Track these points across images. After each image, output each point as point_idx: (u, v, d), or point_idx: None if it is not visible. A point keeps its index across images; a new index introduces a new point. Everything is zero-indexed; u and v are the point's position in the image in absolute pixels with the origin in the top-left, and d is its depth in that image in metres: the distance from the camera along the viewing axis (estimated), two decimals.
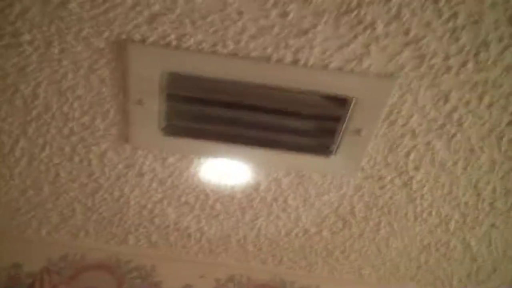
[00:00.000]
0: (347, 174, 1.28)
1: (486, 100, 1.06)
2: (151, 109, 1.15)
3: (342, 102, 1.11)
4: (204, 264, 1.63)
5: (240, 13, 0.95)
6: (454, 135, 1.15)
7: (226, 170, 1.31)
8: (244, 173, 1.32)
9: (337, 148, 1.20)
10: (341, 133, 1.17)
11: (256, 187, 1.35)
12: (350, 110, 1.11)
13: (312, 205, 1.40)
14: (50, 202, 1.46)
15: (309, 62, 1.03)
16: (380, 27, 0.95)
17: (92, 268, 1.60)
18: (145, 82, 1.09)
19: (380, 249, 1.54)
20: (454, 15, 0.90)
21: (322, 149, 1.22)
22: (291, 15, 0.95)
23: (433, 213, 1.38)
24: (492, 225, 1.41)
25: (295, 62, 1.04)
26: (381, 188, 1.32)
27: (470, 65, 1.00)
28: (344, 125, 1.14)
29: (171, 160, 1.29)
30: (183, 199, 1.41)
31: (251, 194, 1.38)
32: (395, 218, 1.42)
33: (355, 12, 0.92)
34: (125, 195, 1.42)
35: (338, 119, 1.15)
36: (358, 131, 1.15)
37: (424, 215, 1.39)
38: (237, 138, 1.21)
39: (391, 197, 1.35)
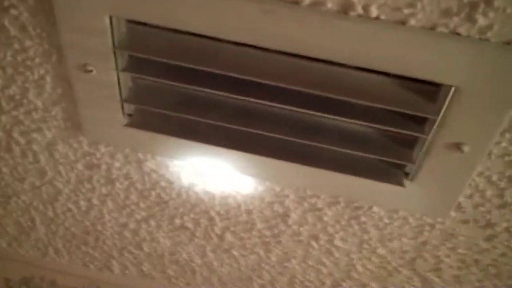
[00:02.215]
0: (432, 213, 0.81)
1: None
2: (106, 81, 0.73)
3: (430, 92, 0.65)
4: None
5: None
6: None
7: (238, 186, 0.88)
8: (264, 194, 0.88)
9: (418, 170, 0.74)
10: (425, 147, 0.70)
11: (284, 217, 0.91)
12: (444, 109, 0.64)
13: (372, 251, 0.94)
14: None
15: (371, 12, 0.58)
16: None
17: None
18: (88, 35, 0.68)
19: None
20: None
21: (393, 170, 0.76)
22: None
23: None
24: None
25: (345, 11, 0.58)
26: (489, 239, 0.84)
27: None
28: (431, 134, 0.68)
29: (151, 164, 0.88)
30: (177, 221, 1.00)
31: (277, 225, 0.94)
32: (506, 283, 0.94)
33: None
34: (95, 207, 1.02)
35: (422, 123, 0.69)
36: (457, 146, 0.68)
37: None
38: (250, 142, 0.77)
39: (504, 254, 0.87)
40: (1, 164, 0.97)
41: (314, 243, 0.96)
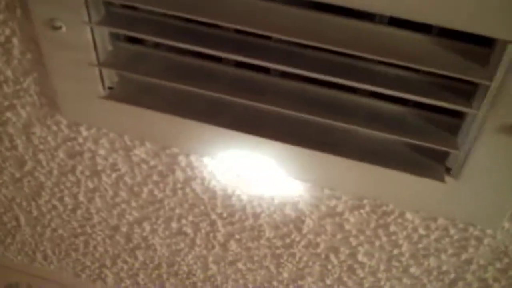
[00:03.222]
0: (479, 221, 0.65)
1: None
2: (78, 40, 0.61)
3: (480, 54, 0.50)
4: None
5: None
6: None
7: (242, 181, 0.74)
8: (273, 193, 0.74)
9: (463, 164, 0.58)
10: (473, 131, 0.55)
11: (297, 223, 0.77)
12: (498, 74, 0.49)
13: (404, 271, 0.78)
14: None
15: None
16: None
17: None
18: None
19: None
20: None
21: (431, 164, 0.61)
22: None
23: None
24: None
25: None
26: None
27: None
28: (481, 110, 0.53)
29: (140, 152, 0.75)
30: (174, 225, 0.86)
31: (289, 233, 0.79)
32: None
33: None
34: (82, 205, 0.89)
35: (469, 97, 0.53)
36: None
37: None
38: (257, 121, 0.64)
39: None
40: None
41: (333, 258, 0.81)
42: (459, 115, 0.57)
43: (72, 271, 1.09)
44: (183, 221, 0.84)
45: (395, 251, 0.75)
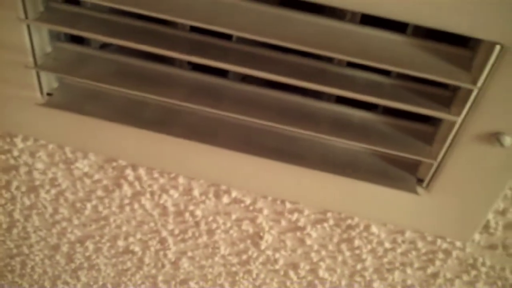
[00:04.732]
0: (451, 233, 0.61)
1: None
2: (12, 40, 0.53)
3: (462, 57, 0.46)
4: None
5: None
6: None
7: (196, 196, 0.67)
8: (230, 208, 0.68)
9: (436, 174, 0.54)
10: (449, 140, 0.51)
11: (255, 239, 0.71)
12: (484, 78, 0.45)
13: (368, 285, 0.74)
14: None
15: None
16: None
17: None
18: None
19: None
20: None
21: (401, 174, 0.57)
22: None
23: None
24: None
25: None
26: None
27: None
28: (460, 118, 0.48)
29: (82, 165, 0.67)
30: (120, 243, 0.79)
31: (246, 250, 0.73)
32: None
33: None
34: (18, 223, 0.80)
35: (443, 101, 0.49)
36: (495, 136, 0.49)
37: None
38: (212, 130, 0.58)
39: None
40: None
41: (292, 274, 0.75)
42: (433, 123, 0.53)
43: None
44: (131, 239, 0.77)
45: (359, 266, 0.71)
